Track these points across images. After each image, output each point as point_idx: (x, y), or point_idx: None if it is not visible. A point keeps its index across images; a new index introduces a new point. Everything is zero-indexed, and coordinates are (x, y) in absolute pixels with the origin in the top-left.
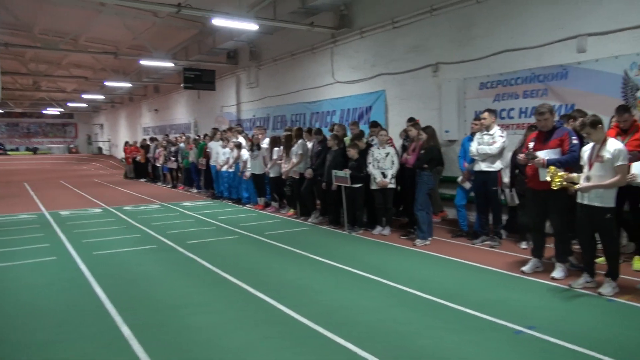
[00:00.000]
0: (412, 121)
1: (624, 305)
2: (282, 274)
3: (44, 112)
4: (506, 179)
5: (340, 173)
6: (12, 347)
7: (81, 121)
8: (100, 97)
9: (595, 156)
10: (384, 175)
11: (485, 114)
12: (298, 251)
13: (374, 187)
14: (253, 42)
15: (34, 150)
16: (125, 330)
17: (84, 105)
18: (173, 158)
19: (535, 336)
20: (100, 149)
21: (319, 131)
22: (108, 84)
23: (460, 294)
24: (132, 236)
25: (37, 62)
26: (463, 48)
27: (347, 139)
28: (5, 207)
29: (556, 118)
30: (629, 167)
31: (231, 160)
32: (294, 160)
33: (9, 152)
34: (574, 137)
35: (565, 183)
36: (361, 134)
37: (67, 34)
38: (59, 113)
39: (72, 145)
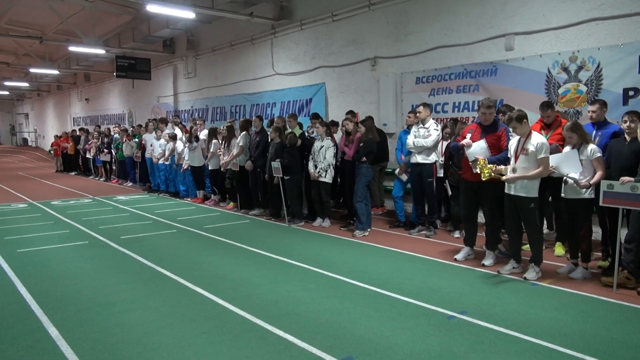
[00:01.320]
0: (351, 114)
1: (546, 289)
2: (220, 267)
3: None
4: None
5: (275, 164)
6: None
7: (3, 110)
8: (25, 84)
9: (521, 149)
10: (316, 168)
11: (421, 108)
12: (237, 244)
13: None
14: (191, 31)
15: None
16: (53, 331)
17: (6, 93)
18: (106, 150)
19: (466, 320)
20: (25, 140)
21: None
22: (33, 70)
23: (396, 282)
24: (60, 232)
25: None
26: (400, 43)
27: (295, 131)
28: None
29: None
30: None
31: (167, 153)
32: (235, 151)
33: None
34: (510, 134)
35: (493, 174)
36: (284, 126)
37: None
38: None
39: None
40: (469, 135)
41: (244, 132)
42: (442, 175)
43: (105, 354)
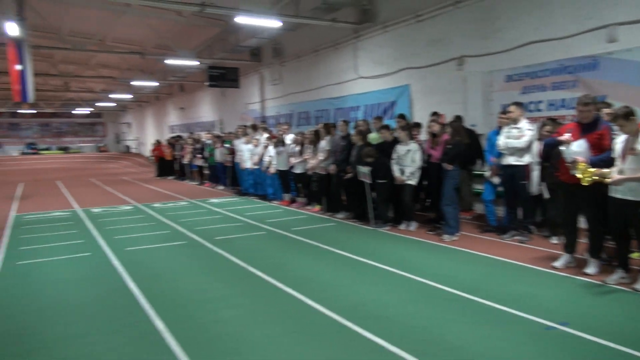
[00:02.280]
0: (435, 115)
1: None
2: (308, 268)
3: (74, 112)
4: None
5: (362, 169)
6: (47, 339)
7: (109, 120)
8: (128, 96)
9: (629, 149)
10: (402, 172)
11: (512, 107)
12: (324, 246)
13: (398, 182)
14: (276, 39)
15: (65, 149)
16: (158, 324)
17: (112, 104)
18: (199, 155)
19: (567, 332)
20: (128, 147)
21: (343, 126)
22: (135, 83)
23: (487, 288)
24: (161, 232)
25: (66, 63)
26: (487, 40)
27: (376, 135)
28: (39, 205)
29: None
30: None
31: (256, 157)
32: (321, 156)
33: (41, 152)
34: (613, 134)
35: (596, 178)
36: (368, 129)
37: (93, 35)
38: (88, 113)
39: (101, 144)
40: (567, 135)
41: (328, 136)
42: (538, 177)
43: (205, 347)
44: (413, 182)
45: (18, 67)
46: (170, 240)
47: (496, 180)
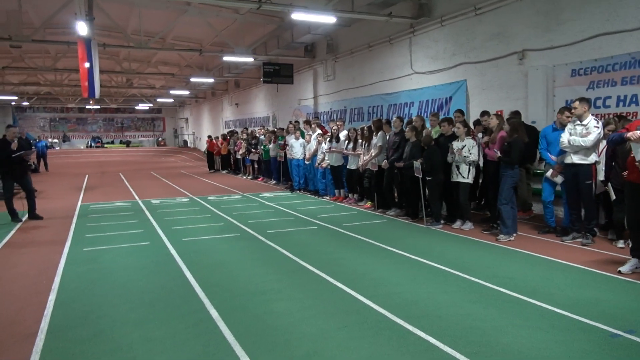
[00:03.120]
0: (486, 115)
1: None
2: (360, 264)
3: (136, 107)
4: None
5: (415, 164)
6: (111, 323)
7: (168, 115)
8: (186, 92)
9: None
10: (458, 169)
11: (576, 103)
12: (375, 243)
13: (453, 179)
14: (330, 35)
15: (127, 143)
16: (213, 313)
17: (171, 100)
18: (253, 150)
19: (635, 341)
20: (185, 142)
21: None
22: (193, 79)
23: (547, 292)
24: (216, 224)
25: (130, 61)
26: (551, 33)
27: (435, 131)
28: (103, 195)
29: None
30: None
31: (308, 153)
32: (373, 152)
33: (105, 145)
34: None
35: None
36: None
37: (155, 34)
38: (148, 108)
39: (160, 139)
40: (639, 132)
41: (381, 132)
42: (602, 178)
43: (258, 338)
44: (469, 180)
45: (86, 64)
46: (224, 232)
47: (559, 179)
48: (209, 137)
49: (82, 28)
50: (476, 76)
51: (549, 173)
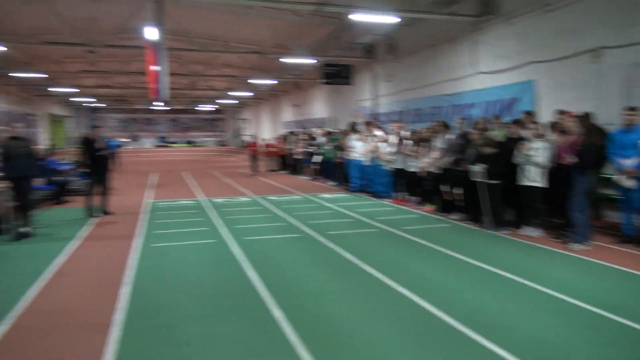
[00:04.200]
0: (562, 113)
1: None
2: (421, 269)
3: (199, 108)
4: None
5: (476, 168)
6: (179, 317)
7: (229, 116)
8: (247, 94)
9: None
10: (527, 171)
11: None
12: (437, 247)
13: (522, 183)
14: (390, 35)
15: (191, 143)
16: (276, 312)
17: (233, 101)
18: (312, 150)
19: None
20: (245, 142)
21: (463, 123)
22: (253, 81)
23: (628, 307)
24: (277, 224)
25: (194, 64)
26: (631, 29)
27: (500, 132)
28: (169, 193)
29: None
30: None
31: (368, 154)
32: (435, 154)
33: (170, 145)
34: None
35: None
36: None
37: (219, 37)
38: (211, 109)
39: (221, 139)
40: None
41: (443, 134)
42: None
43: (321, 340)
44: (541, 183)
45: (155, 68)
46: (285, 232)
47: (630, 183)
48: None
49: (151, 33)
50: (546, 76)
51: (620, 178)
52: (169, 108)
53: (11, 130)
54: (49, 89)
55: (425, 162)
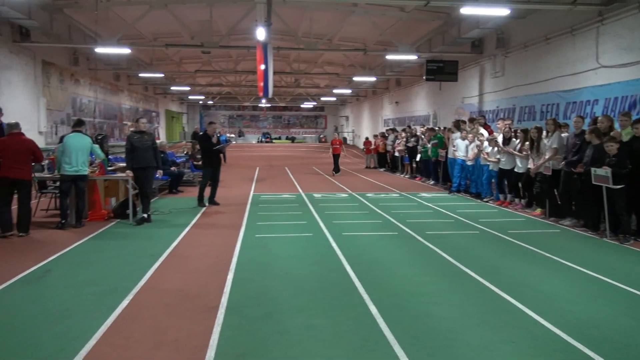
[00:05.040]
0: None
1: None
2: (527, 275)
3: (301, 105)
4: None
5: (600, 171)
6: (278, 306)
7: (330, 113)
8: (348, 91)
9: None
10: None
11: None
12: (545, 254)
13: None
14: (501, 29)
15: (292, 139)
16: (372, 309)
17: (333, 99)
18: (411, 149)
19: None
20: (345, 139)
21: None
22: (355, 79)
23: None
24: (374, 221)
25: (299, 62)
26: None
27: (626, 132)
28: (272, 186)
29: None
30: None
31: (471, 153)
32: (547, 154)
33: (273, 140)
34: None
35: None
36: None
37: (323, 35)
38: (312, 106)
39: (321, 135)
40: None
41: (557, 133)
42: None
43: (417, 340)
44: None
45: (262, 66)
46: (382, 229)
47: None
48: (367, 138)
49: (260, 33)
50: None
51: None
52: (273, 105)
53: (136, 125)
54: (169, 87)
55: (537, 162)
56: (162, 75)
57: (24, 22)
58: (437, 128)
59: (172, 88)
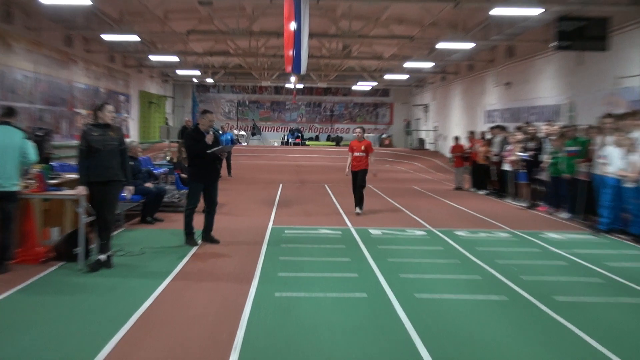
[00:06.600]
0: None
1: None
2: None
3: (353, 87)
4: None
5: None
6: None
7: (398, 100)
8: (428, 65)
9: None
10: None
11: None
12: None
13: None
14: None
15: (337, 141)
16: None
17: (404, 77)
18: (530, 156)
19: None
20: (421, 141)
21: None
22: (440, 46)
23: None
24: (468, 277)
25: (350, 19)
26: None
27: None
28: (302, 215)
29: None
30: None
31: (632, 169)
32: None
33: (307, 142)
34: None
35: None
36: None
37: None
38: (370, 89)
39: (384, 135)
40: None
41: None
42: None
43: None
44: None
45: (292, 26)
46: (480, 291)
47: None
48: (456, 138)
49: None
50: None
51: None
52: (307, 86)
53: (98, 115)
54: (148, 57)
55: None
56: (137, 37)
57: None
58: (572, 127)
59: (152, 58)
